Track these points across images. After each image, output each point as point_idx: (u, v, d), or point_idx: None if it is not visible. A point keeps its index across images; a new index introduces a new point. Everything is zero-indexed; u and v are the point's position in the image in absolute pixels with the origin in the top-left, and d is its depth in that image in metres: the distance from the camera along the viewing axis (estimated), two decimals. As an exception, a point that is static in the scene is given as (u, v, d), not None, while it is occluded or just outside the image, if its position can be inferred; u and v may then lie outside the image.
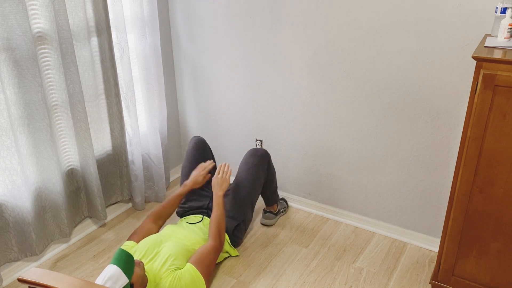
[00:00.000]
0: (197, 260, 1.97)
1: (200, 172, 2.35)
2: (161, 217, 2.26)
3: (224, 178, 2.31)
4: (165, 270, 1.90)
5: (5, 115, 1.98)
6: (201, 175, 2.34)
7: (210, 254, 2.03)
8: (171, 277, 1.87)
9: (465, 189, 1.72)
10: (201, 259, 1.99)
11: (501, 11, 1.69)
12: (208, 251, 2.03)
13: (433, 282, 1.96)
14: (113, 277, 1.68)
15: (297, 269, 2.28)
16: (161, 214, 2.26)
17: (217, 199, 2.24)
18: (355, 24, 2.22)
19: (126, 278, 1.71)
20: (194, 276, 1.91)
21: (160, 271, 1.90)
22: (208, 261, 2.01)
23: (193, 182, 2.33)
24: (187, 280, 1.88)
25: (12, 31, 1.92)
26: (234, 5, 2.56)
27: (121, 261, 1.74)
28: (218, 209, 2.20)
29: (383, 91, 2.26)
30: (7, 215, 2.09)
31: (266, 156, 2.43)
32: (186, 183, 2.33)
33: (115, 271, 1.69)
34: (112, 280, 1.67)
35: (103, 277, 1.67)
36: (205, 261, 1.99)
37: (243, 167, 2.40)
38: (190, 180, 2.34)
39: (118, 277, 1.69)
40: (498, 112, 1.57)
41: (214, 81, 2.85)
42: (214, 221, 2.16)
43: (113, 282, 1.66)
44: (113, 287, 1.65)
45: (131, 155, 2.67)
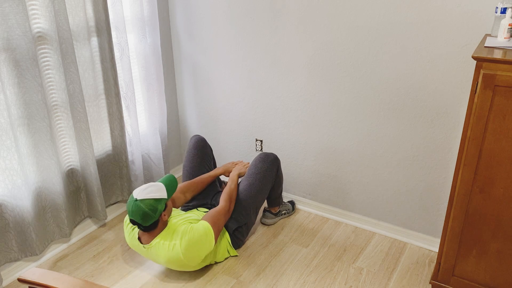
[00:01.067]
0: (209, 217, 2.13)
1: (231, 164, 2.57)
2: (190, 190, 2.38)
3: (243, 167, 2.52)
4: (182, 223, 2.10)
5: (5, 115, 1.98)
6: (232, 166, 2.55)
7: (220, 214, 2.18)
8: (185, 226, 2.05)
9: (465, 189, 1.72)
10: (213, 216, 2.14)
11: (501, 11, 1.69)
12: (219, 211, 2.18)
13: (433, 282, 1.96)
14: (157, 187, 2.01)
15: (297, 269, 2.28)
16: (190, 188, 2.38)
17: (233, 176, 2.43)
18: (355, 24, 2.22)
19: (166, 194, 2.02)
20: (207, 229, 2.06)
21: (177, 223, 2.10)
22: (219, 219, 2.16)
23: (224, 169, 2.53)
24: (200, 230, 2.04)
25: (12, 31, 1.92)
26: (234, 5, 2.56)
27: (168, 182, 2.06)
28: (232, 183, 2.38)
29: (383, 91, 2.26)
30: (7, 215, 2.09)
31: (276, 162, 2.45)
32: (218, 168, 2.54)
33: (160, 185, 2.03)
34: (156, 188, 2.00)
35: (148, 184, 2.01)
36: (216, 219, 2.14)
37: (252, 171, 2.41)
38: (222, 167, 2.54)
39: (161, 189, 2.01)
40: (498, 112, 1.57)
41: (214, 81, 2.85)
42: (226, 189, 2.33)
43: (155, 190, 1.98)
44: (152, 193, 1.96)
45: (131, 155, 2.67)
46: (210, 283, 2.18)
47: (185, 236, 2.01)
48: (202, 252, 2.06)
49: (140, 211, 1.93)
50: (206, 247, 2.06)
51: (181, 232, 2.02)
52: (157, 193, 1.97)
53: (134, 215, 1.95)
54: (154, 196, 1.96)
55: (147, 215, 1.94)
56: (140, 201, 1.94)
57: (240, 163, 2.57)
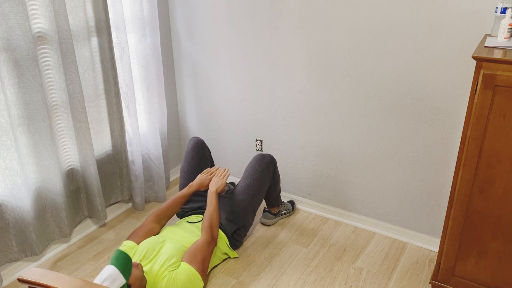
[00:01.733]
0: (190, 256, 2.00)
1: (207, 176, 2.39)
2: (165, 216, 2.27)
3: (220, 179, 2.34)
4: (163, 271, 1.92)
5: (5, 115, 1.98)
6: (207, 179, 2.38)
7: (202, 248, 2.05)
8: (167, 278, 1.90)
9: (465, 189, 1.72)
10: (194, 254, 2.01)
11: (501, 11, 1.69)
12: (201, 245, 2.06)
13: (433, 282, 1.96)
14: (111, 277, 1.69)
15: (297, 269, 2.28)
16: (165, 214, 2.27)
17: (210, 195, 2.27)
18: (355, 24, 2.22)
19: (123, 278, 1.72)
20: (190, 273, 1.93)
21: (159, 272, 1.92)
22: (202, 255, 2.03)
23: (199, 184, 2.36)
24: (182, 278, 1.91)
25: (12, 31, 1.92)
26: (234, 5, 2.56)
27: (119, 262, 1.74)
28: (211, 205, 2.23)
29: (383, 91, 2.26)
30: (7, 215, 2.09)
31: (272, 162, 2.44)
32: (192, 185, 2.36)
33: (113, 271, 1.70)
34: (110, 280, 1.68)
35: (101, 278, 1.68)
36: (199, 256, 2.01)
37: (248, 172, 2.40)
38: (196, 182, 2.37)
39: (116, 277, 1.70)
40: (498, 112, 1.57)
41: (214, 81, 2.85)
42: (206, 216, 2.19)
43: (110, 282, 1.67)
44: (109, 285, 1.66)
45: (131, 155, 2.67)
46: (210, 283, 2.18)
47: None
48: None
49: None
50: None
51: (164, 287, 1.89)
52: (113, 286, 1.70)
53: None
54: None
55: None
56: None
57: (216, 173, 2.39)
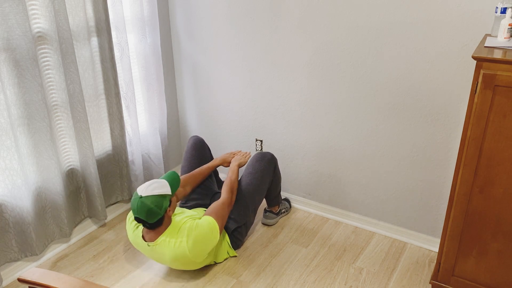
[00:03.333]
0: (213, 211, 2.15)
1: (229, 155, 2.55)
2: (189, 183, 2.36)
3: (243, 156, 2.52)
4: (186, 220, 2.10)
5: (5, 115, 1.98)
6: (230, 156, 2.53)
7: (223, 206, 2.20)
8: (190, 223, 2.06)
9: (465, 189, 1.72)
10: (217, 210, 2.16)
11: (501, 11, 1.69)
12: (222, 203, 2.20)
13: (433, 282, 1.96)
14: (161, 183, 1.99)
15: (297, 269, 2.28)
16: (189, 180, 2.37)
17: (233, 167, 2.42)
18: (355, 24, 2.22)
19: (170, 191, 2.01)
20: (212, 224, 2.07)
21: (181, 220, 2.10)
22: (223, 212, 2.18)
23: (222, 160, 2.52)
24: (204, 226, 2.05)
25: (12, 31, 1.92)
26: (234, 5, 2.56)
27: (170, 178, 2.05)
28: (233, 174, 2.37)
29: (383, 91, 2.26)
30: (7, 215, 2.09)
31: (273, 161, 2.44)
32: (216, 159, 2.52)
33: (164, 182, 2.01)
34: (160, 184, 1.98)
35: (152, 181, 2.00)
36: (220, 212, 2.16)
37: (249, 171, 2.40)
38: (220, 157, 2.53)
39: (165, 185, 2.00)
40: (498, 112, 1.57)
41: (214, 81, 2.85)
42: (227, 181, 2.34)
43: (159, 186, 1.97)
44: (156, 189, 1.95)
45: (131, 155, 2.67)
46: (210, 283, 2.18)
47: (191, 233, 2.02)
48: (208, 247, 2.08)
49: (146, 208, 1.93)
50: (212, 242, 2.08)
51: (187, 229, 2.03)
52: (161, 190, 1.97)
53: (140, 213, 1.94)
54: (159, 192, 1.96)
55: (153, 211, 1.94)
56: (145, 198, 1.93)
57: (239, 153, 2.56)
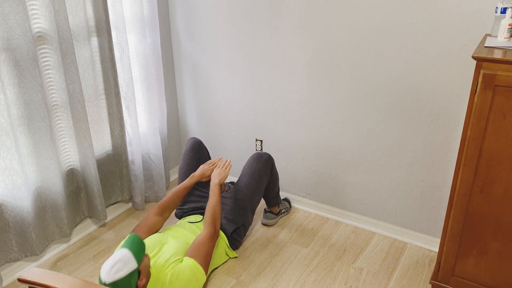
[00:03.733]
0: (194, 251, 2.00)
1: (209, 167, 2.39)
2: (167, 209, 2.25)
3: (223, 170, 2.35)
4: (167, 266, 1.92)
5: (5, 115, 1.98)
6: (209, 169, 2.37)
7: (206, 242, 2.05)
8: (171, 273, 1.90)
9: (465, 189, 1.72)
10: (198, 249, 2.01)
11: (501, 11, 1.69)
12: (204, 239, 2.06)
13: (433, 282, 1.96)
14: (123, 260, 1.67)
15: (297, 269, 2.28)
16: (167, 206, 2.25)
17: (213, 187, 2.26)
18: (355, 24, 2.22)
19: (135, 262, 1.71)
20: (194, 268, 1.94)
21: (163, 267, 1.92)
22: (205, 249, 2.03)
23: (201, 175, 2.36)
24: (186, 273, 1.91)
25: (12, 31, 1.92)
26: (234, 5, 2.56)
27: (133, 246, 1.73)
28: (214, 197, 2.22)
29: (383, 91, 2.26)
30: (7, 215, 2.09)
31: (270, 161, 2.44)
32: (194, 175, 2.35)
33: (126, 254, 1.69)
34: (122, 262, 1.67)
35: (113, 259, 1.67)
36: (202, 251, 2.01)
37: (246, 171, 2.40)
38: (198, 173, 2.36)
39: (128, 260, 1.69)
40: (498, 112, 1.57)
41: (214, 81, 2.85)
42: (209, 209, 2.18)
43: (122, 265, 1.66)
44: (121, 270, 1.65)
45: (131, 155, 2.67)
46: (210, 283, 2.18)
47: (173, 284, 1.89)
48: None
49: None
50: (198, 285, 1.98)
51: (168, 281, 1.89)
52: (125, 269, 1.67)
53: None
54: (123, 274, 1.67)
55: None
56: (110, 284, 1.66)
57: (218, 164, 2.40)
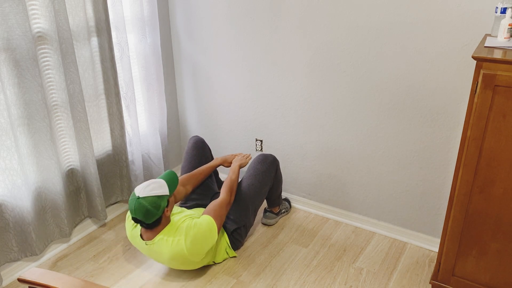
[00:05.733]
0: (211, 211, 2.15)
1: (231, 155, 2.57)
2: (190, 181, 2.37)
3: (244, 158, 2.53)
4: (185, 219, 2.10)
5: (5, 115, 1.98)
6: (231, 157, 2.56)
7: (222, 205, 2.19)
8: (188, 222, 2.07)
9: (465, 189, 1.72)
10: (215, 210, 2.16)
11: (501, 11, 1.69)
12: (220, 203, 2.20)
13: (433, 282, 1.96)
14: (159, 183, 2.00)
15: (297, 269, 2.28)
16: (190, 180, 2.37)
17: (234, 167, 2.43)
18: (355, 24, 2.22)
19: (168, 191, 2.01)
20: (210, 223, 2.08)
21: (180, 219, 2.10)
22: (221, 211, 2.17)
23: (223, 159, 2.53)
24: (203, 224, 2.06)
25: (12, 31, 1.92)
26: (234, 5, 2.56)
27: (169, 178, 2.05)
28: (233, 174, 2.38)
29: (383, 91, 2.26)
30: (7, 215, 2.09)
31: (275, 163, 2.45)
32: (217, 158, 2.54)
33: (163, 182, 2.01)
34: (157, 185, 1.99)
35: (149, 182, 2.00)
36: (218, 212, 2.16)
37: (251, 172, 2.40)
38: (221, 157, 2.54)
39: (163, 185, 2.00)
40: (498, 112, 1.57)
41: (214, 81, 2.85)
42: (227, 180, 2.34)
43: (157, 187, 1.98)
44: (154, 190, 1.96)
45: (131, 155, 2.67)
46: (210, 283, 2.18)
47: (189, 231, 2.02)
48: (206, 246, 2.07)
49: (143, 209, 1.93)
50: (210, 241, 2.08)
51: (185, 228, 2.03)
52: (159, 190, 1.97)
53: (137, 213, 1.95)
54: (156, 193, 1.96)
55: (150, 212, 1.94)
56: (142, 199, 1.94)
57: (239, 154, 2.57)
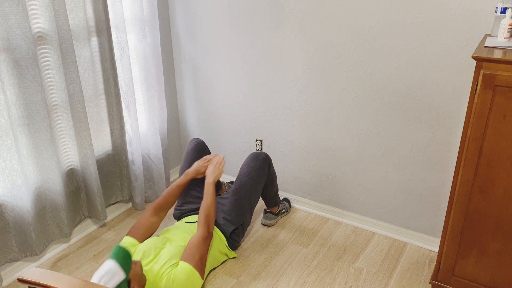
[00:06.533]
0: (189, 255, 1.98)
1: (203, 163, 2.37)
2: (163, 208, 2.25)
3: (217, 167, 2.32)
4: (163, 271, 1.93)
5: (5, 115, 1.98)
6: (204, 166, 2.36)
7: (199, 244, 2.02)
8: (166, 278, 1.90)
9: (465, 189, 1.72)
10: (192, 252, 1.99)
11: (501, 11, 1.69)
12: (197, 241, 2.03)
13: (433, 282, 1.96)
14: (110, 272, 1.65)
15: (297, 269, 2.28)
16: (163, 206, 2.25)
17: (208, 186, 2.24)
18: (355, 24, 2.22)
19: (123, 273, 1.69)
20: (189, 272, 1.93)
21: (159, 272, 1.92)
22: (200, 252, 2.01)
23: (195, 171, 2.35)
24: (182, 277, 1.91)
25: (12, 31, 1.92)
26: (234, 5, 2.56)
27: (118, 257, 1.72)
28: (208, 196, 2.20)
29: (383, 91, 2.26)
30: (7, 215, 2.09)
31: (267, 160, 2.43)
32: (188, 172, 2.34)
33: (112, 266, 1.67)
34: (109, 275, 1.64)
35: (100, 273, 1.65)
36: (197, 254, 1.99)
37: (244, 171, 2.40)
38: (192, 169, 2.35)
39: (115, 272, 1.67)
40: (498, 112, 1.57)
41: (214, 81, 2.85)
42: (203, 209, 2.16)
43: (109, 277, 1.64)
44: (109, 282, 1.63)
45: (131, 155, 2.67)
46: (210, 283, 2.18)
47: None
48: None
49: None
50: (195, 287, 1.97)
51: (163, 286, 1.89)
52: (113, 280, 1.66)
53: None
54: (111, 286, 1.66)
55: None
56: None
57: (213, 160, 2.36)
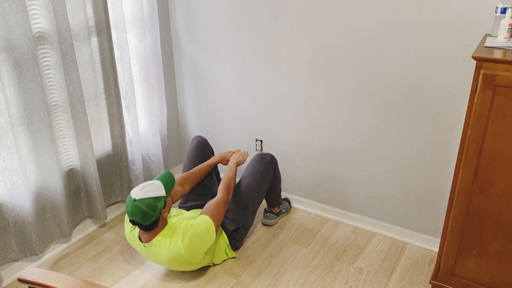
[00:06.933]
0: (208, 210, 2.13)
1: (229, 153, 2.55)
2: (189, 181, 2.37)
3: (241, 156, 2.50)
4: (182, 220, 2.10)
5: (5, 115, 1.98)
6: (229, 154, 2.54)
7: (219, 205, 2.17)
8: (185, 223, 2.06)
9: (465, 189, 1.72)
10: (212, 209, 2.14)
11: (501, 11, 1.69)
12: (217, 202, 2.18)
13: (433, 282, 1.96)
14: (155, 185, 1.98)
15: (297, 269, 2.28)
16: (189, 178, 2.38)
17: (231, 165, 2.41)
18: (355, 24, 2.22)
19: (164, 192, 1.99)
20: (208, 223, 2.06)
21: (177, 221, 2.10)
22: (218, 210, 2.15)
23: (221, 157, 2.52)
24: (201, 225, 2.04)
25: (12, 31, 1.92)
26: (234, 5, 2.56)
27: (165, 179, 2.04)
28: (231, 171, 2.36)
29: (383, 91, 2.26)
30: (7, 215, 2.09)
31: (273, 162, 2.44)
32: (215, 156, 2.52)
33: (158, 183, 2.00)
34: (154, 186, 1.97)
35: (145, 183, 1.99)
36: (215, 211, 2.14)
37: (249, 172, 2.40)
38: (218, 155, 2.53)
39: (159, 187, 1.99)
40: (498, 112, 1.57)
41: (214, 81, 2.85)
42: (224, 179, 2.32)
43: (153, 188, 1.97)
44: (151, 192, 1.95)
45: (131, 155, 2.67)
46: (210, 283, 2.18)
47: (186, 232, 2.01)
48: (204, 247, 2.06)
49: (140, 211, 1.93)
50: (208, 241, 2.07)
51: (182, 229, 2.02)
52: (155, 192, 1.96)
53: (134, 215, 1.94)
54: (152, 194, 1.95)
55: (147, 214, 1.94)
56: (138, 201, 1.93)
57: (237, 152, 2.56)
